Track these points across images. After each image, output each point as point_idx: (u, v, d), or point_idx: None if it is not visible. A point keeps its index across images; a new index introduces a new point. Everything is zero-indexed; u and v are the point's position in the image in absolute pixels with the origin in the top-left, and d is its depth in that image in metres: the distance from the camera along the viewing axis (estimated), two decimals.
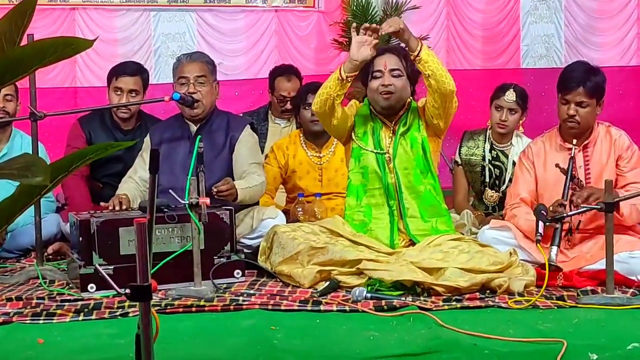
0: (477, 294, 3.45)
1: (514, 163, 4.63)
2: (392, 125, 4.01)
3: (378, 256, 3.69)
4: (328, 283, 3.58)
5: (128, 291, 1.76)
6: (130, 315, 3.21)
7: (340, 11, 7.86)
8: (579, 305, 3.32)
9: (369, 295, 3.39)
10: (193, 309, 3.32)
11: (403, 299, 3.36)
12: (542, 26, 8.44)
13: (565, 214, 3.69)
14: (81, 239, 3.66)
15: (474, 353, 2.74)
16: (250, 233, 4.20)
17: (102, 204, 4.24)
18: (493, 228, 4.05)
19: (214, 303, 3.37)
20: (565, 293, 3.49)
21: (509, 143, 4.95)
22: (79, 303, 3.40)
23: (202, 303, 3.36)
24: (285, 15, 7.93)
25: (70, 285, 3.76)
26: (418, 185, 3.96)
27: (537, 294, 3.38)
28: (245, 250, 4.12)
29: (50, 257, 4.40)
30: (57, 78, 7.29)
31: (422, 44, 3.80)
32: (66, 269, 4.00)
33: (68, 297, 3.53)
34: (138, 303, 1.78)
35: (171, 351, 2.76)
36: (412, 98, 4.08)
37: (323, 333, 3.02)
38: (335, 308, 3.31)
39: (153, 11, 7.60)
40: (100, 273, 1.98)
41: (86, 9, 7.40)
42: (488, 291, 3.50)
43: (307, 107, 4.78)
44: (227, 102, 6.33)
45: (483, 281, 3.51)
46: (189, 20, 7.72)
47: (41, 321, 3.19)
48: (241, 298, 3.45)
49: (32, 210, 3.95)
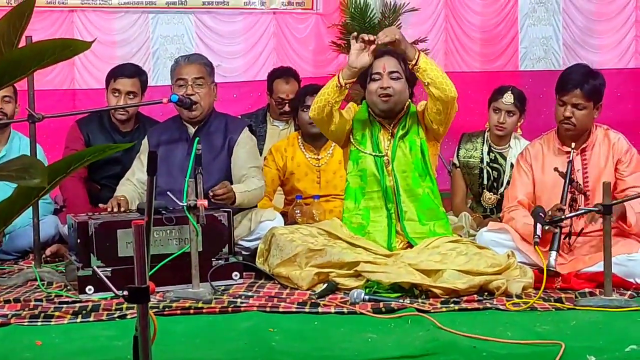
0: (475, 296, 3.46)
1: (512, 165, 4.63)
2: (391, 128, 4.01)
3: (376, 258, 3.69)
4: (326, 285, 3.58)
5: (126, 293, 1.76)
6: (128, 317, 3.21)
7: (338, 14, 7.85)
8: (577, 307, 3.33)
9: (367, 297, 3.39)
10: (191, 311, 3.32)
11: (401, 301, 3.36)
12: (540, 28, 8.44)
13: (562, 217, 3.69)
14: (79, 241, 3.66)
15: (472, 355, 2.74)
16: (248, 235, 4.20)
17: (101, 206, 4.24)
18: (491, 230, 4.05)
19: (212, 305, 3.37)
20: (563, 295, 3.49)
21: (507, 145, 4.95)
22: (77, 305, 3.40)
23: (200, 305, 3.36)
24: (283, 17, 7.93)
25: (68, 287, 3.75)
26: (416, 188, 3.96)
27: (535, 296, 3.38)
28: (243, 252, 4.13)
29: (48, 259, 4.40)
30: (56, 80, 7.28)
31: (420, 53, 3.78)
32: (64, 271, 4.00)
33: (66, 299, 3.53)
34: (136, 305, 1.78)
35: (169, 353, 2.76)
36: (411, 101, 4.08)
37: (321, 335, 3.02)
38: (333, 310, 3.31)
39: (151, 13, 7.59)
40: (98, 275, 1.98)
41: (85, 11, 7.39)
42: (486, 293, 3.50)
43: (306, 110, 4.78)
44: (226, 104, 6.32)
45: (481, 283, 3.51)
46: (187, 22, 7.71)
47: (39, 323, 3.18)
48: (239, 300, 3.45)
49: (30, 212, 3.95)
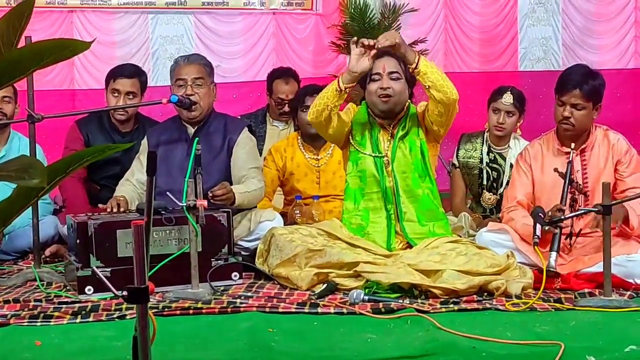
0: (475, 297, 3.45)
1: (512, 165, 4.62)
2: (391, 128, 4.00)
3: (375, 259, 3.68)
4: (325, 285, 3.58)
5: (125, 293, 1.76)
6: (127, 317, 3.21)
7: (338, 14, 7.85)
8: (577, 307, 3.32)
9: (367, 297, 3.39)
10: (190, 312, 3.32)
11: (400, 302, 3.36)
12: (540, 29, 8.44)
13: (562, 217, 3.69)
14: (78, 241, 3.66)
15: (472, 355, 2.74)
16: (247, 235, 4.20)
17: (100, 206, 4.24)
18: (491, 231, 4.04)
19: (212, 305, 3.37)
20: (562, 295, 3.49)
21: (507, 145, 4.95)
22: (77, 305, 3.40)
23: (200, 305, 3.36)
24: (283, 18, 7.92)
25: (67, 287, 3.75)
26: (416, 189, 3.95)
27: (535, 297, 3.38)
28: (242, 252, 4.12)
29: (47, 260, 4.40)
30: (55, 80, 7.27)
31: (420, 56, 3.78)
32: (63, 271, 3.99)
33: (65, 300, 3.53)
34: (135, 305, 1.77)
35: (168, 353, 2.76)
36: (410, 101, 4.07)
37: (320, 335, 3.02)
38: (332, 310, 3.31)
39: (151, 14, 7.58)
40: (97, 275, 1.98)
41: (84, 12, 7.38)
42: (485, 294, 3.50)
43: (305, 110, 4.78)
44: (225, 105, 6.31)
45: (480, 283, 3.50)
46: (187, 22, 7.70)
47: (38, 323, 3.18)
48: (239, 300, 3.45)
49: (30, 212, 3.95)
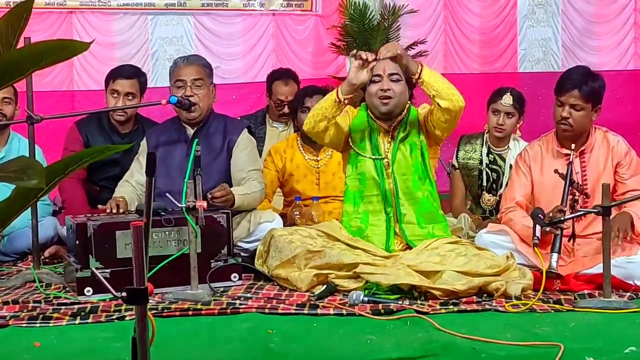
0: (474, 298, 3.45)
1: (512, 167, 4.62)
2: (391, 130, 3.97)
3: (375, 260, 3.68)
4: (325, 287, 3.58)
5: (124, 294, 1.76)
6: (126, 318, 3.21)
7: (337, 15, 7.86)
8: (576, 309, 3.32)
9: (366, 298, 3.39)
10: (190, 313, 3.31)
11: (400, 303, 3.36)
12: (540, 30, 8.44)
13: (562, 218, 3.69)
14: (78, 242, 3.65)
15: (471, 357, 2.74)
16: (247, 236, 4.20)
17: (100, 207, 4.24)
18: (491, 232, 4.04)
19: (211, 307, 3.37)
20: (562, 297, 3.49)
21: (506, 147, 4.95)
22: (76, 306, 3.39)
23: (199, 306, 3.36)
24: (282, 19, 7.92)
25: (66, 288, 3.75)
26: (416, 191, 3.94)
27: (534, 298, 3.38)
28: (242, 253, 4.12)
29: (47, 261, 4.39)
30: (55, 81, 7.27)
31: (422, 66, 3.75)
32: (63, 273, 3.99)
33: (65, 301, 3.52)
34: (134, 306, 1.77)
35: (168, 355, 2.76)
36: (410, 102, 4.06)
37: (320, 337, 3.02)
38: (332, 312, 3.31)
39: (150, 15, 7.59)
40: (96, 276, 1.97)
41: (83, 12, 7.38)
42: (485, 295, 3.50)
43: (305, 111, 4.77)
44: (225, 106, 6.31)
45: (480, 285, 3.50)
46: (187, 23, 7.70)
47: (38, 325, 3.18)
48: (238, 301, 3.45)
49: (29, 213, 3.95)
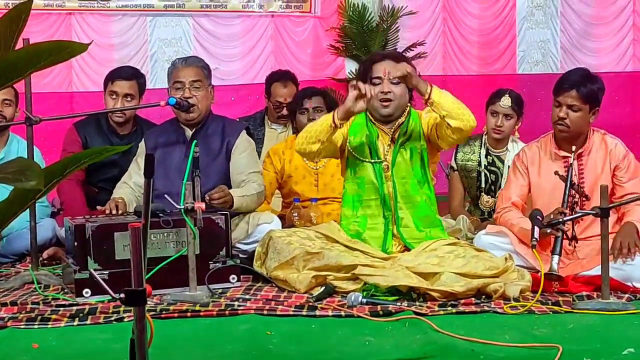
0: (473, 299, 3.45)
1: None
2: (391, 133, 3.95)
3: (373, 261, 3.68)
4: (323, 288, 3.58)
5: (123, 296, 1.76)
6: (125, 320, 3.20)
7: (336, 17, 7.86)
8: (575, 310, 3.33)
9: (365, 300, 3.39)
10: (188, 314, 3.31)
11: (399, 304, 3.36)
12: (538, 32, 8.44)
13: (560, 220, 3.68)
14: (76, 244, 3.65)
15: (470, 358, 2.74)
16: (245, 238, 4.19)
17: (99, 208, 4.23)
18: (489, 233, 4.04)
19: (209, 308, 3.37)
20: (560, 298, 3.49)
21: (505, 148, 4.95)
22: (74, 308, 3.39)
23: (198, 308, 3.36)
24: (281, 20, 7.92)
25: (65, 290, 3.75)
26: (414, 195, 3.93)
27: (533, 299, 3.38)
28: (240, 255, 4.12)
29: (45, 262, 4.39)
30: (53, 83, 7.26)
31: (432, 86, 3.70)
32: (61, 274, 3.99)
33: (63, 302, 3.52)
34: (133, 308, 1.77)
35: (166, 356, 2.76)
36: (410, 104, 4.04)
37: (319, 338, 3.02)
38: (330, 313, 3.31)
39: (149, 16, 7.58)
40: (95, 278, 1.97)
41: (82, 14, 7.37)
42: (484, 296, 3.50)
43: (303, 112, 4.80)
44: (224, 107, 6.31)
45: (479, 286, 3.50)
46: (185, 25, 7.70)
47: (36, 326, 3.18)
48: (237, 303, 3.45)
49: (27, 214, 3.94)
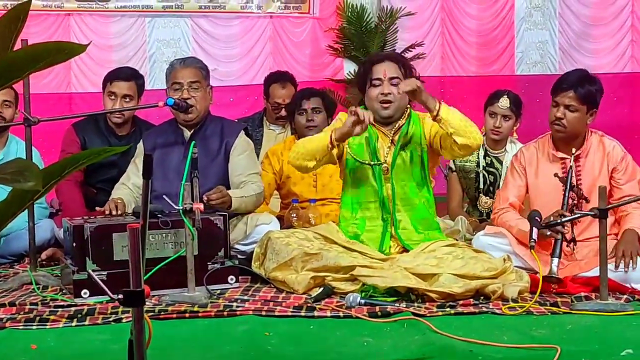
0: (471, 300, 3.45)
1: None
2: (391, 134, 3.93)
3: (372, 262, 3.68)
4: (322, 289, 3.58)
5: (121, 297, 1.76)
6: (123, 321, 3.20)
7: (335, 17, 7.87)
8: (573, 311, 3.33)
9: (363, 301, 3.39)
10: (186, 315, 3.31)
11: (397, 305, 3.36)
12: (537, 33, 8.45)
13: (559, 221, 3.68)
14: (74, 245, 3.65)
15: (468, 359, 2.74)
16: (244, 239, 4.19)
17: (98, 209, 4.23)
18: (488, 234, 4.04)
19: (208, 309, 3.37)
20: (559, 299, 3.49)
21: (503, 149, 4.96)
22: (73, 309, 3.39)
23: (196, 309, 3.36)
24: (280, 21, 7.93)
25: (63, 290, 3.75)
26: (413, 197, 3.92)
27: (531, 300, 3.38)
28: (239, 256, 4.12)
29: (43, 263, 4.39)
30: (52, 84, 7.27)
31: (441, 103, 3.66)
32: (60, 275, 3.99)
33: (61, 303, 3.52)
34: (131, 309, 1.77)
35: (164, 357, 2.76)
36: (410, 106, 4.00)
37: (317, 339, 3.02)
38: (329, 314, 3.31)
39: (148, 17, 7.58)
40: (93, 279, 1.98)
41: (81, 15, 7.37)
42: (482, 297, 3.50)
43: (302, 113, 4.80)
44: (222, 108, 6.31)
45: (477, 287, 3.50)
46: (184, 26, 7.70)
47: (34, 327, 3.18)
48: (235, 304, 3.45)
49: (26, 215, 3.94)
